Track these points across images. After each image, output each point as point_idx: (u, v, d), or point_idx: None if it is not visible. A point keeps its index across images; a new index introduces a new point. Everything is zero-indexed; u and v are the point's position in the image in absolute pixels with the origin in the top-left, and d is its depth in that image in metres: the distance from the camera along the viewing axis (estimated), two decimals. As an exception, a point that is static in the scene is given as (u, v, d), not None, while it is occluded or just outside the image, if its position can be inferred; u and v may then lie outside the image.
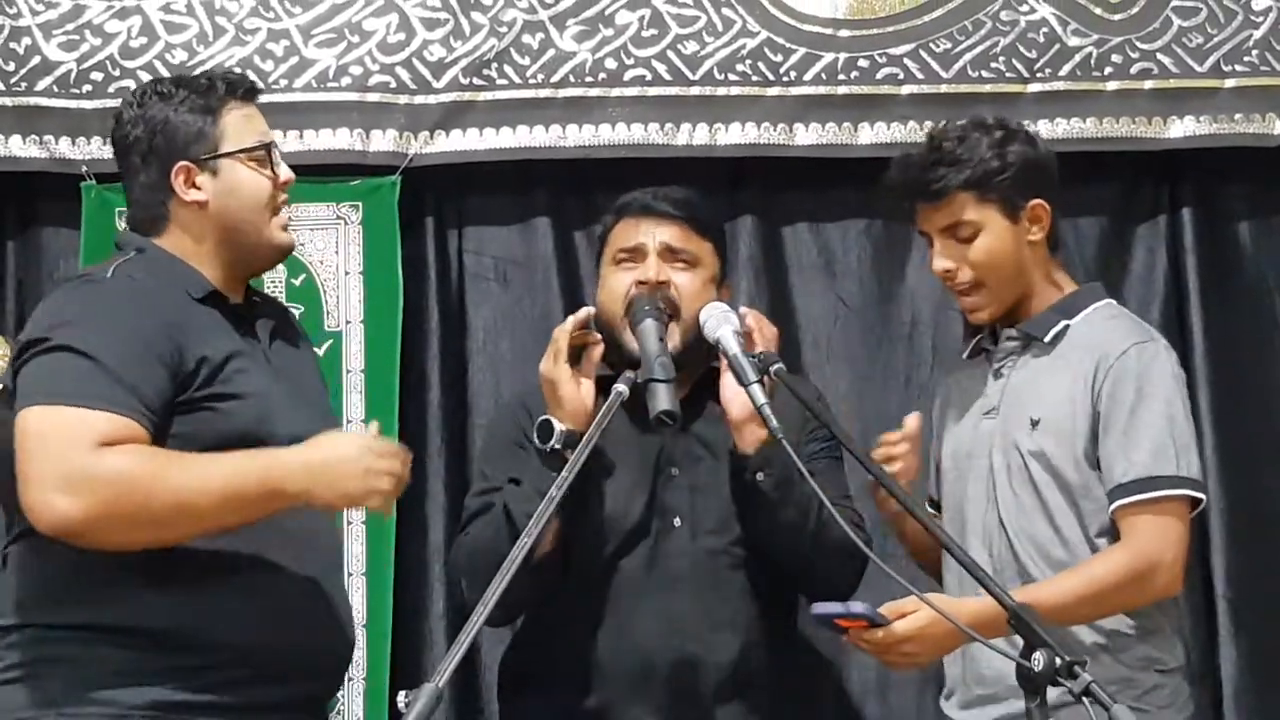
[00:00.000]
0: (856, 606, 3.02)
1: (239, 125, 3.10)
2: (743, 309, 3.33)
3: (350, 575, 3.90)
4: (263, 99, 3.20)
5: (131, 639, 2.88)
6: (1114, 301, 3.44)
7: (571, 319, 3.29)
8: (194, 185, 3.06)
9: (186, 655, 2.89)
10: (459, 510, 3.97)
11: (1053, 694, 2.54)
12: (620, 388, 2.99)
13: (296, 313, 3.50)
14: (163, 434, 2.90)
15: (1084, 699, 2.49)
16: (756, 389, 2.92)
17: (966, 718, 3.29)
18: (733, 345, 3.08)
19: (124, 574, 2.88)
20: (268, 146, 3.11)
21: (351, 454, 2.91)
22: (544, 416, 3.22)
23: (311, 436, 2.94)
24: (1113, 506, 3.19)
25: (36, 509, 2.81)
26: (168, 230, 3.08)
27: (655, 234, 3.40)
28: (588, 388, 3.25)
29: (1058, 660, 2.51)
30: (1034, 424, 3.26)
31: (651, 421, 3.04)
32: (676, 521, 3.32)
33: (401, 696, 2.43)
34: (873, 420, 4.12)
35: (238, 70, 3.73)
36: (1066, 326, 3.32)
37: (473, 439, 4.13)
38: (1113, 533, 3.22)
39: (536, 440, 3.20)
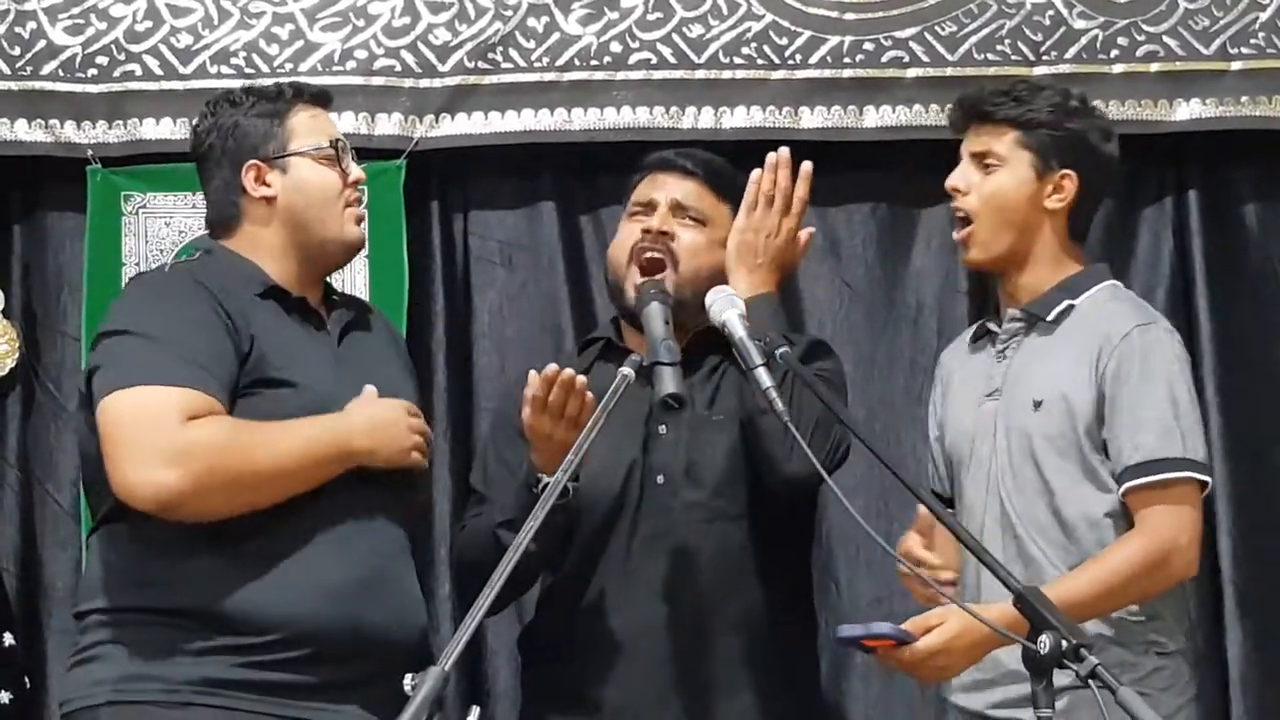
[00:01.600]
0: (881, 627, 3.01)
1: (307, 125, 3.21)
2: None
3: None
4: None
5: (185, 619, 2.96)
6: (1119, 283, 3.43)
7: (539, 377, 3.19)
8: (264, 182, 3.17)
9: (239, 634, 2.96)
10: (463, 493, 3.98)
11: (1058, 678, 2.54)
12: (626, 371, 2.99)
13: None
14: (229, 411, 3.00)
15: (1090, 681, 2.50)
16: (763, 372, 2.92)
17: (967, 700, 3.29)
18: (738, 329, 3.07)
19: (179, 558, 2.98)
20: (336, 145, 3.21)
21: (395, 414, 3.10)
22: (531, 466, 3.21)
23: None
24: (1122, 489, 3.19)
25: (137, 487, 2.92)
26: (240, 229, 3.19)
27: (669, 189, 3.46)
28: (570, 437, 3.13)
29: (1064, 643, 2.51)
30: (1036, 405, 3.26)
31: (656, 405, 3.04)
32: (660, 479, 3.32)
33: (408, 679, 2.44)
34: (877, 404, 4.13)
35: (234, 48, 3.82)
36: (1070, 306, 3.31)
37: (478, 422, 4.13)
38: (1120, 515, 3.22)
39: (526, 479, 3.21)
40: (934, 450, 3.52)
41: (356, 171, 3.24)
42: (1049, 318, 3.30)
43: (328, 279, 3.30)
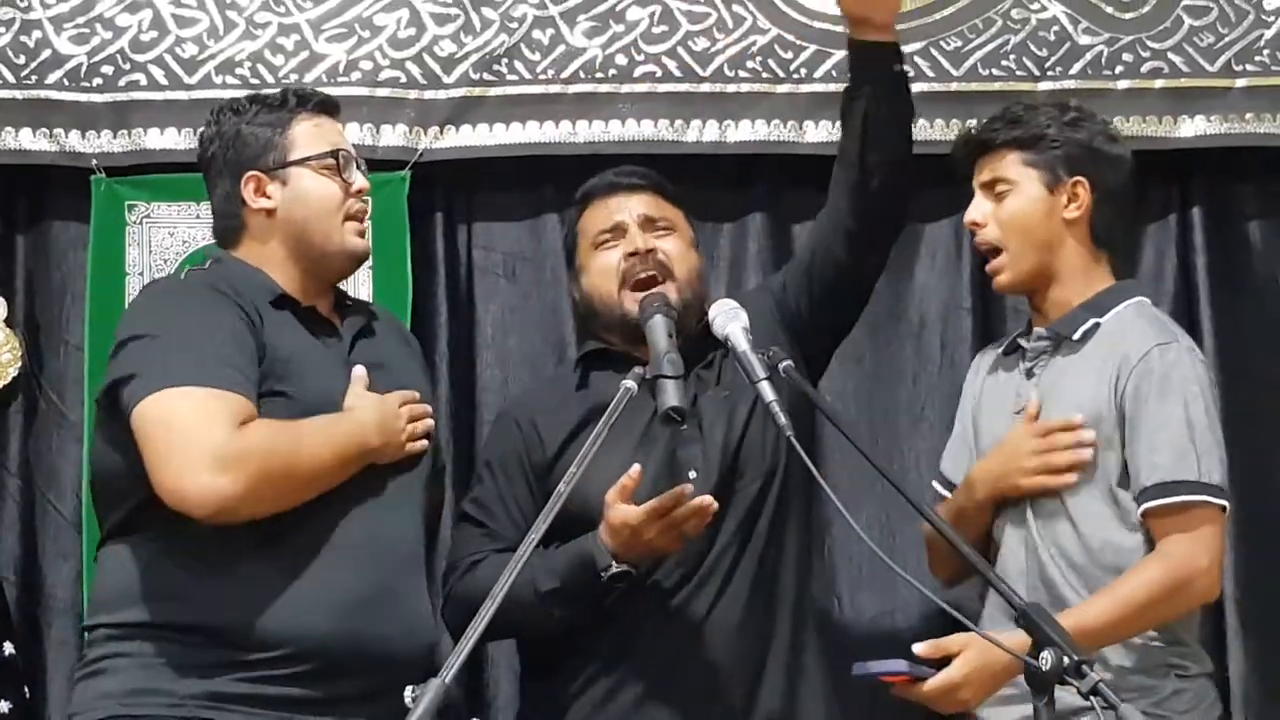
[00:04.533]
0: (898, 664, 2.98)
1: (309, 135, 3.19)
2: None
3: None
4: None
5: (193, 635, 2.96)
6: (1146, 300, 3.42)
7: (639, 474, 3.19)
8: (263, 194, 3.17)
9: (246, 649, 2.94)
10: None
11: (1071, 700, 2.53)
12: (629, 384, 2.99)
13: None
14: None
15: (1091, 698, 2.49)
16: (765, 386, 2.92)
17: (993, 715, 3.24)
18: (742, 342, 3.07)
19: (188, 573, 2.97)
20: (337, 154, 3.19)
21: (391, 405, 3.10)
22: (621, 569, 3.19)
23: None
24: (1140, 510, 3.18)
25: (192, 492, 2.88)
26: (243, 240, 3.19)
27: (629, 207, 3.46)
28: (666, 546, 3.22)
29: (1065, 659, 2.50)
30: (1064, 427, 3.26)
31: (660, 419, 3.03)
32: (691, 474, 3.30)
33: (409, 691, 2.44)
34: (879, 419, 4.12)
35: (267, 75, 3.94)
36: (1096, 325, 3.30)
37: (480, 433, 4.12)
38: (1143, 540, 3.20)
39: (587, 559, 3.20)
40: (959, 440, 3.51)
41: (360, 181, 3.22)
42: (1075, 337, 3.30)
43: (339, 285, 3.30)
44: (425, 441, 3.18)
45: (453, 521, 3.67)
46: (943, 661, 3.05)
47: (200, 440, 2.88)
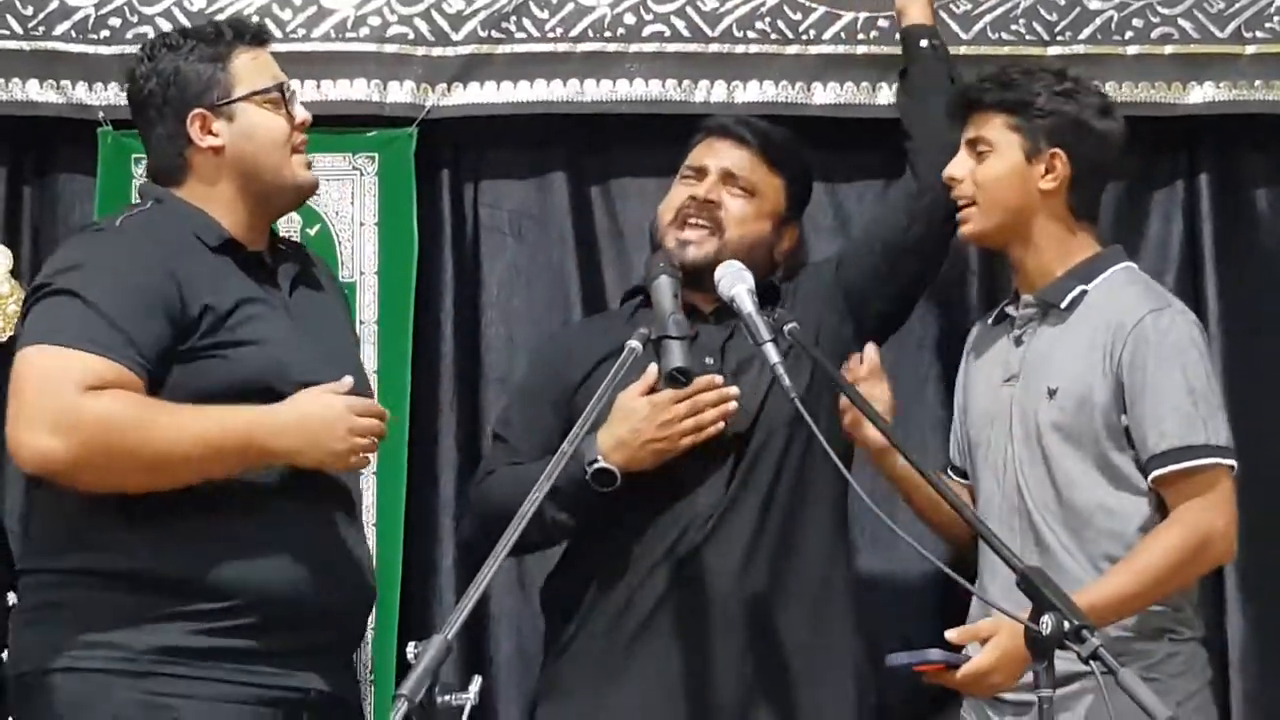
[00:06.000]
0: (931, 654, 3.05)
1: (250, 69, 3.14)
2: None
3: (361, 526, 3.91)
4: (280, 48, 3.24)
5: (136, 584, 2.92)
6: (1133, 265, 3.44)
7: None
8: (210, 131, 3.11)
9: (194, 600, 2.92)
10: (469, 463, 3.99)
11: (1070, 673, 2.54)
12: (633, 344, 3.00)
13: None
14: (159, 383, 2.94)
15: (1091, 662, 2.50)
16: (771, 348, 2.92)
17: (1019, 696, 3.23)
18: (747, 304, 3.08)
19: (129, 519, 2.93)
20: (280, 88, 3.15)
21: (336, 413, 2.96)
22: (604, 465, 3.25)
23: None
24: (1150, 477, 3.20)
25: (22, 448, 2.87)
26: (187, 180, 3.12)
27: (721, 156, 3.54)
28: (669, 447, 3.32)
29: (1066, 624, 2.51)
30: (1051, 394, 3.26)
31: (664, 379, 3.04)
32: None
33: (411, 647, 2.45)
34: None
35: (247, 15, 3.83)
36: (1084, 292, 3.32)
37: (485, 393, 4.13)
38: (1134, 503, 3.21)
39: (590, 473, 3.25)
40: (956, 426, 3.53)
41: (303, 113, 3.18)
42: (1063, 305, 3.31)
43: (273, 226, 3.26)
44: (370, 457, 3.08)
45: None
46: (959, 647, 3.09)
47: (43, 399, 2.86)
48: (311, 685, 3.00)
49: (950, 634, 3.08)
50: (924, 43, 3.65)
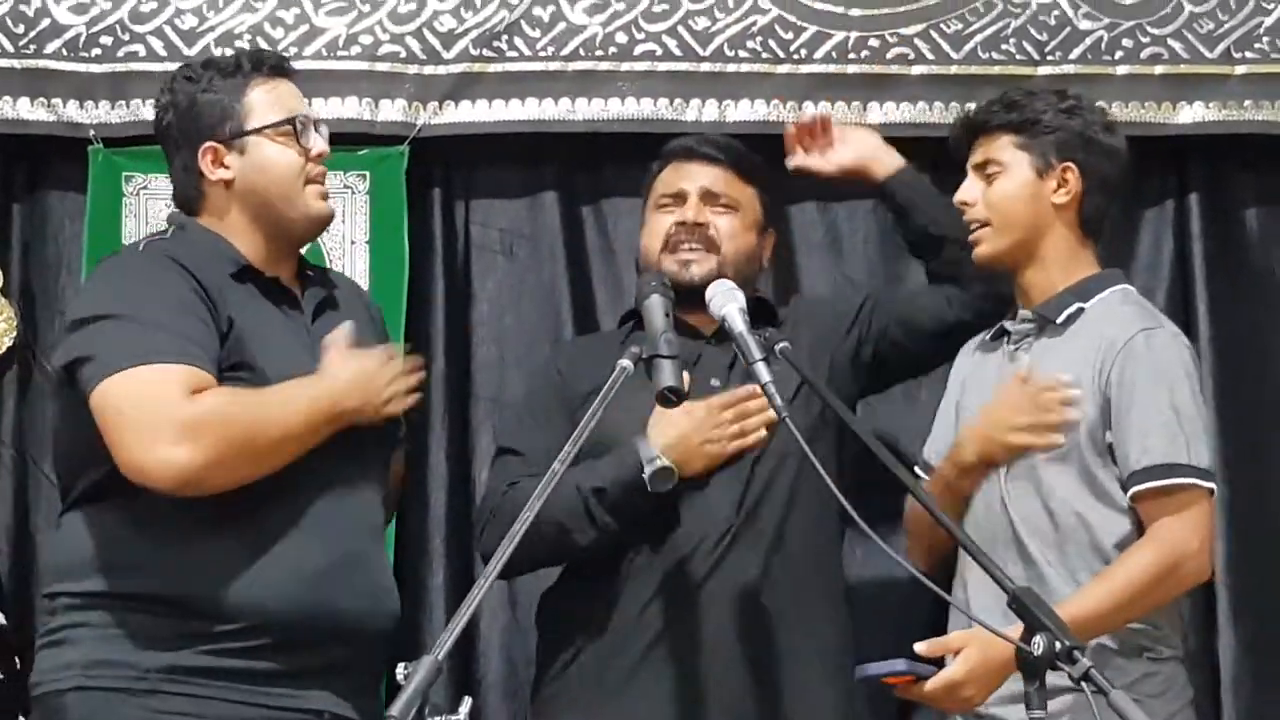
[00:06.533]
0: (898, 664, 2.98)
1: (265, 101, 3.15)
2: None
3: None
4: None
5: (152, 605, 2.94)
6: (1131, 288, 3.45)
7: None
8: (221, 164, 3.13)
9: (207, 621, 2.93)
10: (460, 482, 4.00)
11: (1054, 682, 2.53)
12: (625, 363, 2.99)
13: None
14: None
15: (1083, 684, 2.49)
16: (762, 367, 2.92)
17: (1004, 712, 3.21)
18: (738, 323, 3.07)
19: (153, 543, 2.95)
20: (294, 120, 3.14)
21: (375, 366, 3.04)
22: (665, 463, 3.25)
23: None
24: (1130, 493, 3.20)
25: (152, 465, 2.88)
26: (204, 209, 3.15)
27: (697, 178, 3.53)
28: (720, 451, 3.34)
29: (1057, 645, 2.51)
30: (1042, 409, 3.26)
31: (656, 399, 3.03)
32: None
33: (401, 668, 2.45)
34: (874, 400, 4.11)
35: (265, 47, 3.89)
36: (1080, 309, 3.33)
37: (476, 411, 4.13)
38: (1116, 521, 3.21)
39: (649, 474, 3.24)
40: (939, 424, 3.52)
41: (319, 144, 3.17)
42: (1058, 320, 3.32)
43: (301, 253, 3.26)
44: (410, 399, 3.13)
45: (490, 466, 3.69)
46: (942, 660, 3.06)
47: (155, 414, 2.86)
48: (325, 707, 3.00)
49: (919, 646, 3.05)
50: (900, 184, 3.63)
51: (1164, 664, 3.26)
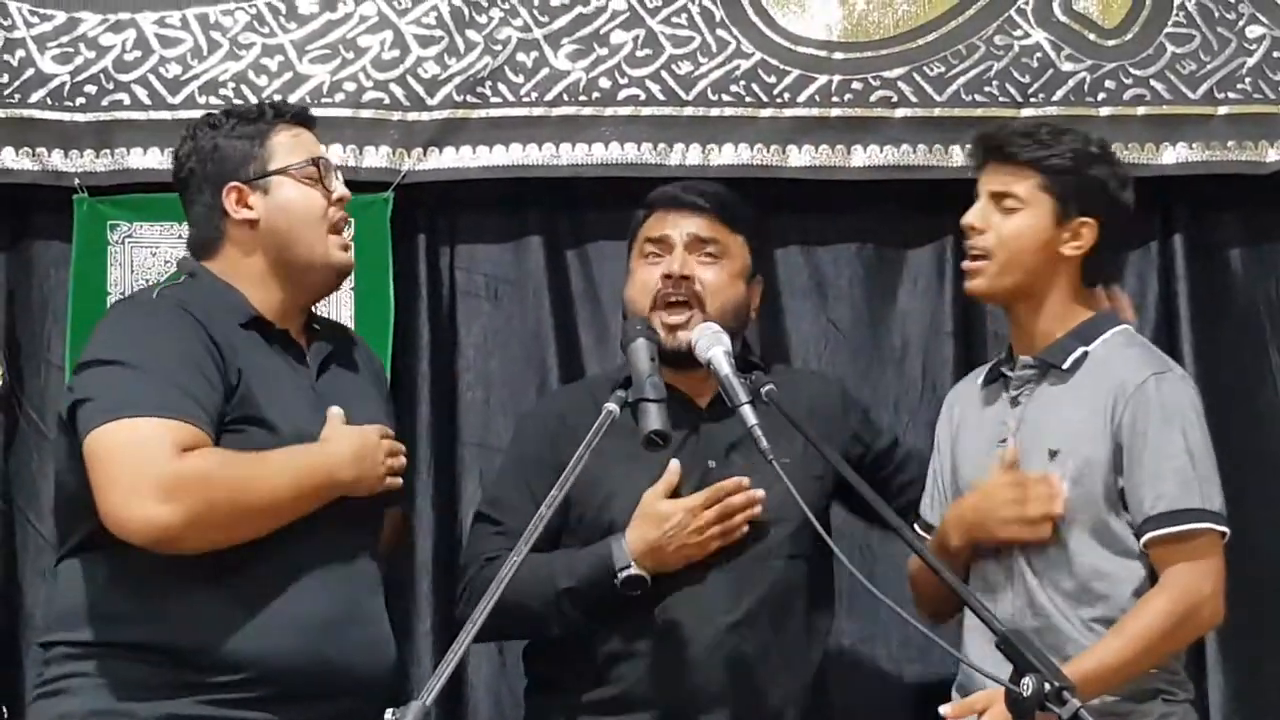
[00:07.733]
0: None
1: (287, 145, 3.17)
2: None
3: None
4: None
5: (149, 655, 2.93)
6: (1130, 327, 3.42)
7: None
8: (245, 204, 3.14)
9: (207, 672, 2.92)
10: (446, 528, 3.99)
11: None
12: (610, 407, 2.99)
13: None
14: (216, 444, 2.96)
15: (1073, 726, 2.49)
16: (748, 410, 2.92)
17: None
18: (724, 366, 3.07)
19: (151, 593, 2.94)
20: (318, 163, 3.17)
21: (374, 441, 3.07)
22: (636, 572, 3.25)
23: None
24: (1144, 540, 3.19)
25: (130, 521, 2.87)
26: (222, 252, 3.15)
27: (682, 226, 3.46)
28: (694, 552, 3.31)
29: (1047, 685, 2.50)
30: (1052, 455, 3.24)
31: (641, 442, 3.03)
32: None
33: (390, 714, 2.43)
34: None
35: (250, 95, 3.94)
36: (1085, 353, 3.29)
37: (462, 456, 4.13)
38: (1129, 566, 3.20)
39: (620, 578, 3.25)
40: (933, 480, 3.50)
41: (341, 189, 3.19)
42: (1065, 366, 3.28)
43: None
44: (400, 479, 3.17)
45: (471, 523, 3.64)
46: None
47: (139, 469, 2.86)
48: None
49: (944, 709, 3.06)
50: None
51: (1178, 705, 3.25)
